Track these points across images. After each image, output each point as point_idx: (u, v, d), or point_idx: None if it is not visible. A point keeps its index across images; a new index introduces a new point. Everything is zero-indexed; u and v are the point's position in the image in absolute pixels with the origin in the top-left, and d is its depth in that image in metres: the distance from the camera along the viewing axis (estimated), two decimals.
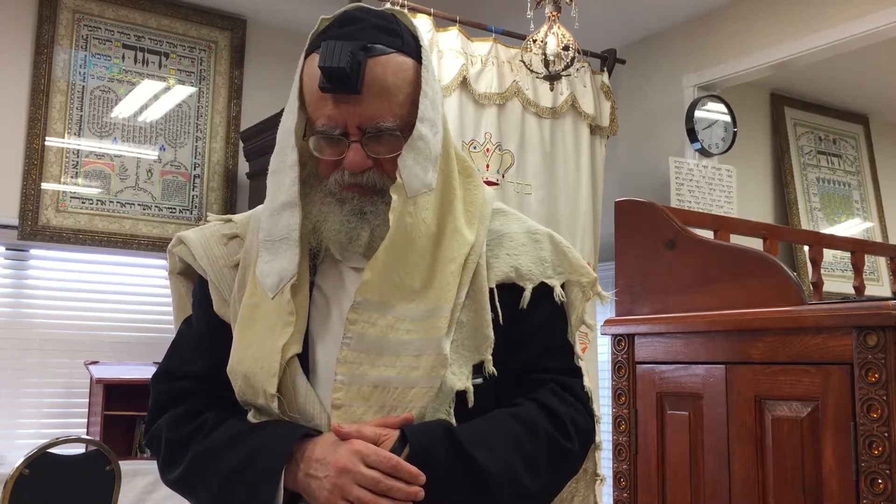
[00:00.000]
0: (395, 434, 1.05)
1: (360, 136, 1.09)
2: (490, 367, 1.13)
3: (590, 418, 1.22)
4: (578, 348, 1.26)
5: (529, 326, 1.19)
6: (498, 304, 1.17)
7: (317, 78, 1.08)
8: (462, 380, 1.11)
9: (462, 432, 1.07)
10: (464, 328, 1.13)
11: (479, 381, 1.13)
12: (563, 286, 1.23)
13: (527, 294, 1.19)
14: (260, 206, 1.25)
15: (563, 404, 1.17)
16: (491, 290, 1.17)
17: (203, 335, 1.22)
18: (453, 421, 1.09)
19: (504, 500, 1.07)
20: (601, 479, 1.34)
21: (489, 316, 1.15)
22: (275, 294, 1.12)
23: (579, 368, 1.24)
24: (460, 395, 1.11)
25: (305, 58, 1.15)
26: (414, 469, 1.02)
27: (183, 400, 1.19)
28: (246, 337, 1.13)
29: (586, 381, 1.24)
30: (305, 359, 1.12)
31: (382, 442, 1.04)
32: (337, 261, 1.17)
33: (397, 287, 1.10)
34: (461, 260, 1.13)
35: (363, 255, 1.14)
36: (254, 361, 1.10)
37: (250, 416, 1.15)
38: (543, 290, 1.21)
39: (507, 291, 1.19)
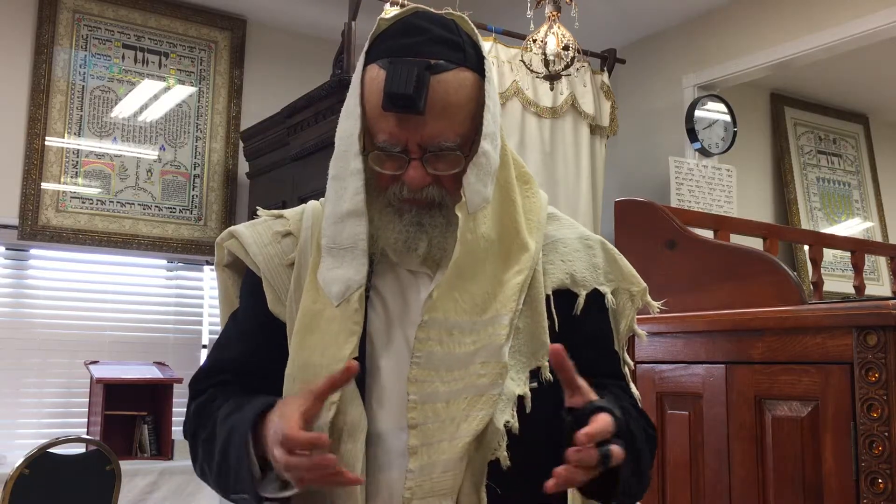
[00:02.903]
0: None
1: (420, 154, 1.10)
2: (546, 373, 1.14)
3: None
4: (626, 356, 1.28)
5: (583, 332, 1.20)
6: (554, 310, 1.18)
7: (379, 93, 1.08)
8: (520, 385, 1.12)
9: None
10: (521, 334, 1.14)
11: (535, 385, 1.14)
12: (612, 293, 1.24)
13: (580, 300, 1.20)
14: (312, 202, 1.26)
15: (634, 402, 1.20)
16: (547, 297, 1.18)
17: (250, 330, 1.21)
18: (517, 424, 1.10)
19: (644, 482, 1.10)
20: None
21: (545, 322, 1.16)
22: (340, 302, 1.13)
23: (626, 374, 1.26)
24: (519, 399, 1.12)
25: (366, 64, 1.14)
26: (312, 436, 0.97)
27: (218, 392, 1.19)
28: (308, 343, 1.13)
29: (633, 388, 1.26)
30: (363, 361, 1.12)
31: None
32: (393, 263, 1.18)
33: (461, 303, 1.11)
34: (526, 272, 1.15)
35: (421, 261, 1.15)
36: (317, 368, 1.10)
37: None
38: (595, 296, 1.22)
39: (561, 297, 1.20)
